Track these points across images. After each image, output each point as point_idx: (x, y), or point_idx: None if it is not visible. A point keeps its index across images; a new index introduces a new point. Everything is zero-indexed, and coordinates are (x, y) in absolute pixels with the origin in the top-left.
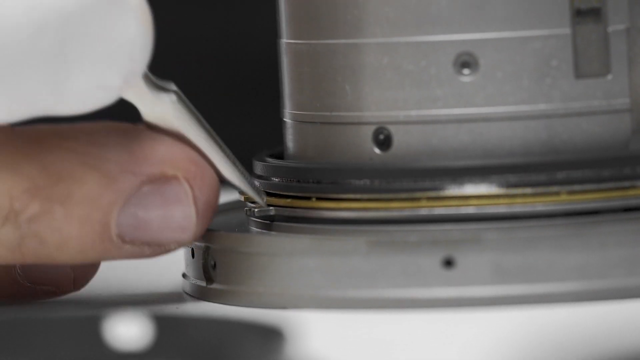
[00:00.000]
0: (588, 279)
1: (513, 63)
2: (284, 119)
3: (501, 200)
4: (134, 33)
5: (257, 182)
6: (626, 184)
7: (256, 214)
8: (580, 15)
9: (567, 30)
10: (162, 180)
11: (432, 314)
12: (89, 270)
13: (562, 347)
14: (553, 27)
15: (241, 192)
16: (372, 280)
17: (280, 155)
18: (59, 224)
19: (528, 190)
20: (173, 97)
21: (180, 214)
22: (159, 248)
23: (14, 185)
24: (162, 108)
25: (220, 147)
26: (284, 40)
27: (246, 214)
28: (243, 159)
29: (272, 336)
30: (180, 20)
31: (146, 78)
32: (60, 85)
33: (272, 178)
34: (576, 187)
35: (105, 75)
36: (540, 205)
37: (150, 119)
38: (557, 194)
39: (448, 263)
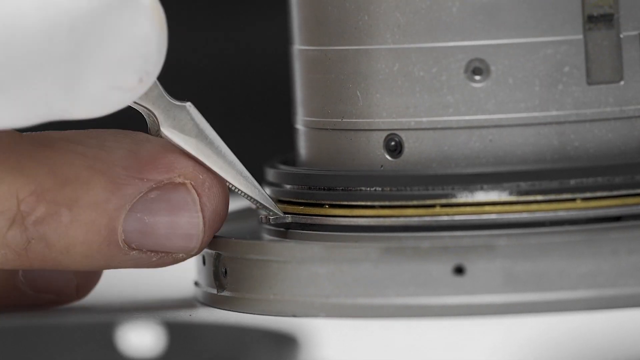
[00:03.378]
0: (600, 287)
1: (525, 69)
2: (296, 126)
3: (513, 207)
4: (147, 32)
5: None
6: (639, 190)
7: (271, 221)
8: (592, 21)
9: (579, 36)
10: (169, 186)
11: (445, 322)
12: (91, 278)
13: (573, 355)
14: (565, 33)
15: (257, 206)
16: (383, 288)
17: (292, 162)
18: (65, 227)
19: (540, 197)
20: (190, 103)
21: (187, 221)
22: (165, 256)
23: (20, 187)
24: (180, 113)
25: (234, 160)
26: (296, 47)
27: (260, 221)
28: (255, 165)
29: (285, 343)
30: (191, 28)
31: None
32: (74, 87)
33: (284, 185)
34: (588, 194)
35: (120, 76)
36: (551, 212)
37: (165, 128)
38: (569, 200)
39: (459, 270)
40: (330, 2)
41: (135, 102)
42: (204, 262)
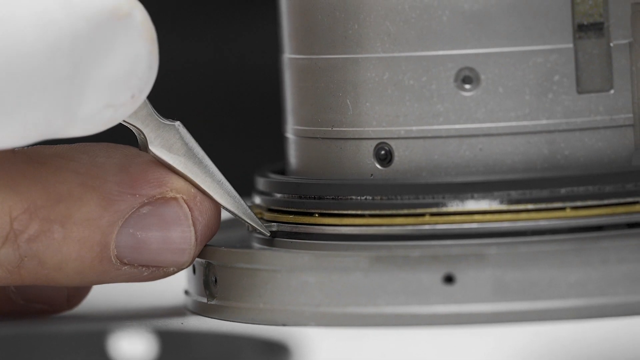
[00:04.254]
0: (589, 296)
1: (515, 78)
2: (286, 135)
3: (503, 216)
4: (140, 49)
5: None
6: (629, 199)
7: (273, 230)
8: (582, 30)
9: (569, 45)
10: (161, 201)
11: (436, 330)
12: (82, 289)
13: None
14: (555, 42)
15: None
16: (373, 297)
17: (282, 171)
18: (58, 244)
19: (530, 206)
20: (179, 122)
21: (179, 235)
22: (157, 270)
23: (13, 205)
24: (169, 132)
25: (222, 179)
26: (286, 55)
27: (248, 230)
28: (246, 175)
29: (277, 352)
30: (182, 37)
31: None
32: (73, 107)
33: (275, 194)
34: (578, 203)
35: (114, 94)
36: (542, 221)
37: (154, 146)
38: (560, 209)
39: (449, 279)
40: (320, 10)
41: (125, 121)
42: (194, 271)
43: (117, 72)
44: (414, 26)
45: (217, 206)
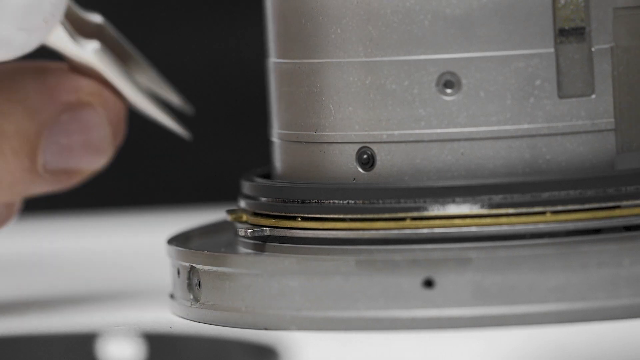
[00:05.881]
0: (569, 300)
1: (496, 83)
2: (272, 139)
3: (484, 221)
4: None
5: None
6: (610, 204)
7: (249, 235)
8: (563, 34)
9: (550, 50)
10: (79, 106)
11: (421, 335)
12: (6, 215)
13: None
14: (536, 47)
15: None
16: (353, 301)
17: (269, 175)
18: None
19: (511, 210)
20: (96, 45)
21: (98, 136)
22: (79, 174)
23: None
24: (85, 55)
25: (139, 89)
26: (272, 60)
27: (237, 234)
28: (234, 178)
29: (266, 355)
30: (167, 40)
31: (69, 19)
32: None
33: (259, 198)
34: (559, 208)
35: (26, 18)
36: (522, 225)
37: (75, 63)
38: (541, 214)
39: (428, 283)
40: (303, 15)
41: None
42: (178, 274)
43: None
44: (396, 31)
45: (125, 105)
